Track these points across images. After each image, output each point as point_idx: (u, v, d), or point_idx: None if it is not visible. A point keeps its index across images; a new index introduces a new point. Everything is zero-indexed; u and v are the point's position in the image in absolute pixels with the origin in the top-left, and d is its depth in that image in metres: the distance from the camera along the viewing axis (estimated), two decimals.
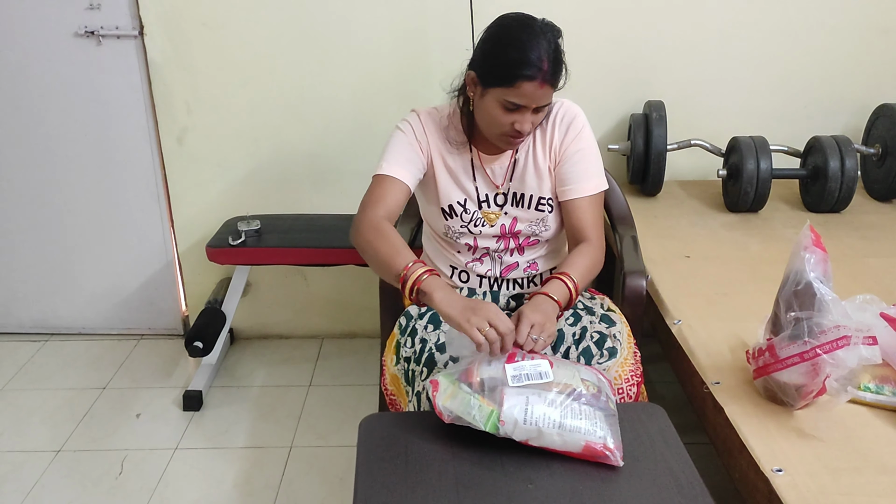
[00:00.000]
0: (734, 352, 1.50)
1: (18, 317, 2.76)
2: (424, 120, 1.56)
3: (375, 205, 1.48)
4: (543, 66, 1.34)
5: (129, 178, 2.55)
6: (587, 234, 1.54)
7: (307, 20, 2.37)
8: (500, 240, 1.59)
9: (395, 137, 1.55)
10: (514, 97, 1.37)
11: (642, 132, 2.34)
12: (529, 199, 1.56)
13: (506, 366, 1.21)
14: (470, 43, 2.34)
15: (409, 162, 1.52)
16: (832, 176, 2.19)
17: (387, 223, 1.45)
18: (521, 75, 1.35)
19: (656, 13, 2.40)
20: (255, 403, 2.38)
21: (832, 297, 1.21)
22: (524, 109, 1.39)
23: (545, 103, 1.40)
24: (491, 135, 1.47)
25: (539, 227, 1.58)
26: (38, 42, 2.38)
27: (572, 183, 1.54)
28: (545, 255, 1.64)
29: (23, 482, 2.00)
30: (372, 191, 1.51)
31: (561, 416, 1.15)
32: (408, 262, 1.36)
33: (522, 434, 1.15)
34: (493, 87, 1.39)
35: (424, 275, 1.33)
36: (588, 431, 1.14)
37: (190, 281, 2.71)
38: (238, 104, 2.46)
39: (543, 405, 1.15)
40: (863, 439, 1.25)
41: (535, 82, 1.35)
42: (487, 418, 1.16)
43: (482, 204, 1.57)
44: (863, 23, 2.45)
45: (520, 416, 1.15)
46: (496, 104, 1.40)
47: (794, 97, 2.53)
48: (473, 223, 1.57)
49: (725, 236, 2.13)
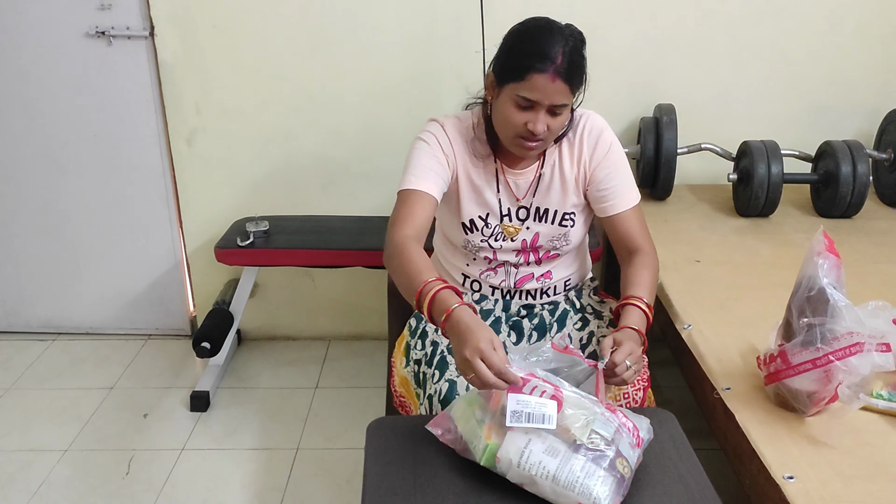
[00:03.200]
0: (745, 357, 1.49)
1: (26, 316, 2.77)
2: (450, 132, 1.50)
3: (403, 223, 1.40)
4: (557, 59, 1.30)
5: (138, 178, 2.56)
6: (639, 244, 1.51)
7: (317, 22, 2.37)
8: (520, 254, 1.56)
9: (419, 149, 1.49)
10: (526, 91, 1.33)
11: (652, 136, 2.33)
12: (553, 214, 1.53)
13: (509, 395, 1.10)
14: (480, 46, 2.33)
15: (436, 174, 1.46)
16: (844, 181, 2.18)
17: (414, 243, 1.37)
18: (532, 67, 1.31)
19: (667, 17, 2.39)
20: (262, 405, 2.37)
21: (845, 303, 1.20)
22: (538, 108, 1.35)
23: (560, 103, 1.35)
24: (506, 138, 1.43)
25: (560, 241, 1.55)
26: (49, 42, 2.39)
27: (613, 199, 1.51)
28: (560, 265, 1.61)
29: (30, 481, 2.01)
30: (399, 208, 1.43)
31: (557, 468, 1.05)
32: (427, 279, 1.27)
33: (516, 477, 1.08)
34: (507, 83, 1.36)
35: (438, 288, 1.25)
36: (583, 492, 1.03)
37: (198, 282, 2.71)
38: (247, 106, 2.46)
39: (542, 451, 1.07)
40: (875, 447, 1.23)
41: (545, 75, 1.31)
42: (483, 451, 1.11)
43: (504, 217, 1.53)
44: (876, 27, 2.43)
45: (515, 457, 1.07)
46: (509, 102, 1.37)
47: (806, 101, 2.51)
48: (494, 237, 1.53)
49: (736, 241, 2.12)
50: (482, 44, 2.33)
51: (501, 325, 1.55)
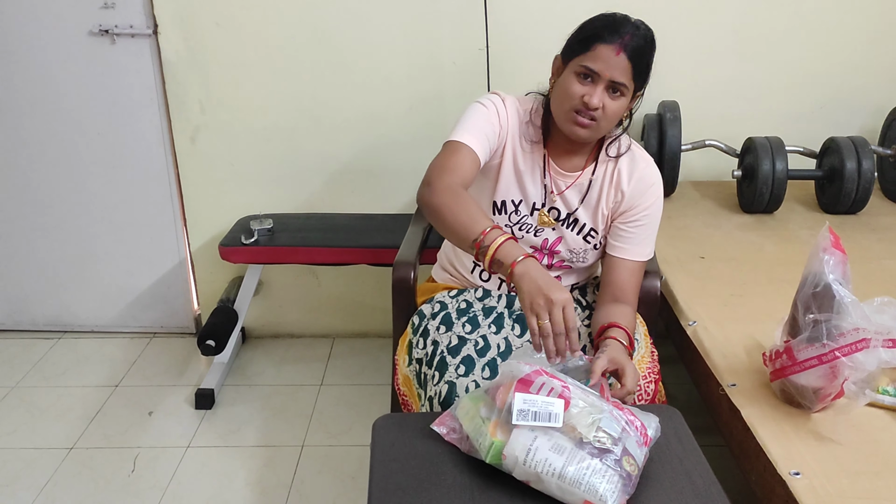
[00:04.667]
0: (750, 354, 1.49)
1: (32, 314, 2.78)
2: (509, 107, 1.48)
3: (452, 172, 1.36)
4: (625, 36, 1.33)
5: (143, 176, 2.56)
6: (630, 298, 1.51)
7: (320, 20, 2.37)
8: (536, 252, 1.55)
9: (476, 110, 1.46)
10: (589, 61, 1.34)
11: (656, 132, 2.33)
12: (582, 226, 1.53)
13: (516, 394, 1.09)
14: (483, 43, 2.33)
15: (487, 139, 1.43)
16: (848, 177, 2.17)
17: (464, 190, 1.35)
18: (599, 37, 1.33)
19: (670, 13, 2.39)
20: (267, 402, 2.38)
21: (851, 299, 1.20)
22: (597, 80, 1.35)
23: (620, 80, 1.34)
24: (561, 112, 1.40)
25: (578, 257, 1.55)
26: (53, 41, 2.39)
27: (630, 244, 1.51)
28: (570, 274, 1.62)
29: (36, 479, 2.01)
30: (447, 157, 1.39)
31: (563, 466, 1.05)
32: (485, 227, 1.24)
33: (522, 474, 1.08)
34: (573, 58, 1.37)
35: (502, 240, 1.22)
36: (588, 489, 1.03)
37: (202, 279, 2.71)
38: (251, 104, 2.46)
39: (548, 449, 1.06)
40: (881, 443, 1.24)
41: (611, 46, 1.32)
42: (489, 449, 1.10)
43: (534, 211, 1.52)
44: (879, 23, 2.43)
45: (521, 454, 1.07)
46: (571, 76, 1.37)
47: (810, 98, 2.51)
48: (519, 226, 1.53)
49: (740, 237, 2.12)
50: (486, 41, 2.33)
51: (505, 319, 1.55)
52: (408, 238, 1.88)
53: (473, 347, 1.44)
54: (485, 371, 1.39)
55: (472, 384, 1.36)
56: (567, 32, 1.43)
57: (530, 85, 1.52)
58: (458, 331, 1.49)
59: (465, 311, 1.54)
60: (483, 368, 1.40)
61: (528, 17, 2.35)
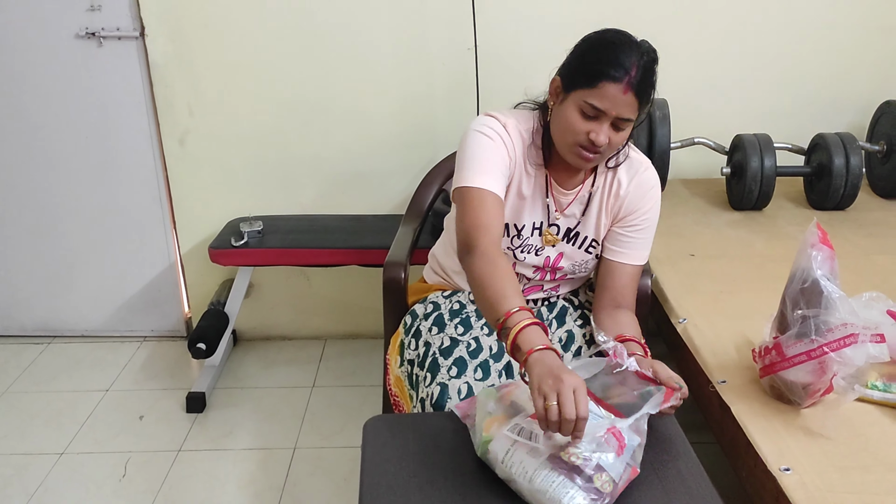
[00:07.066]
0: (740, 350, 1.49)
1: (21, 319, 2.76)
2: (511, 132, 1.43)
3: (488, 231, 1.34)
4: (631, 71, 1.27)
5: (131, 179, 2.55)
6: (630, 302, 1.50)
7: (309, 21, 2.36)
8: (538, 271, 1.55)
9: (482, 144, 1.41)
10: (595, 99, 1.29)
11: (646, 131, 2.33)
12: (584, 239, 1.53)
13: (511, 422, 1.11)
14: (472, 43, 2.33)
15: (503, 176, 1.41)
16: (837, 173, 2.18)
17: (502, 257, 1.33)
18: (606, 74, 1.27)
19: (659, 11, 2.39)
20: (259, 405, 2.37)
21: (839, 294, 1.20)
22: (603, 118, 1.31)
23: (626, 117, 1.31)
24: (564, 145, 1.37)
25: (580, 268, 1.55)
26: (39, 44, 2.37)
27: (630, 249, 1.50)
28: (569, 283, 1.62)
29: (27, 485, 2.00)
30: (478, 211, 1.36)
31: (535, 470, 1.05)
32: (511, 308, 1.20)
33: (501, 473, 1.10)
34: (576, 89, 1.32)
35: (525, 324, 1.18)
36: (552, 501, 1.02)
37: (192, 282, 2.70)
38: (240, 105, 2.46)
39: (525, 451, 1.07)
40: (871, 437, 1.24)
41: (619, 85, 1.27)
42: (480, 443, 1.14)
43: (535, 231, 1.51)
44: (867, 20, 2.44)
45: (501, 453, 1.09)
46: (574, 109, 1.32)
47: (798, 94, 2.52)
48: (521, 249, 1.52)
49: (730, 234, 2.12)
50: (474, 41, 2.33)
51: None
52: (398, 238, 1.88)
53: (466, 349, 1.43)
54: (477, 373, 1.39)
55: (465, 386, 1.36)
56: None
57: (517, 84, 1.52)
58: (450, 332, 1.48)
59: (458, 312, 1.54)
60: (475, 370, 1.40)
61: (516, 17, 2.34)
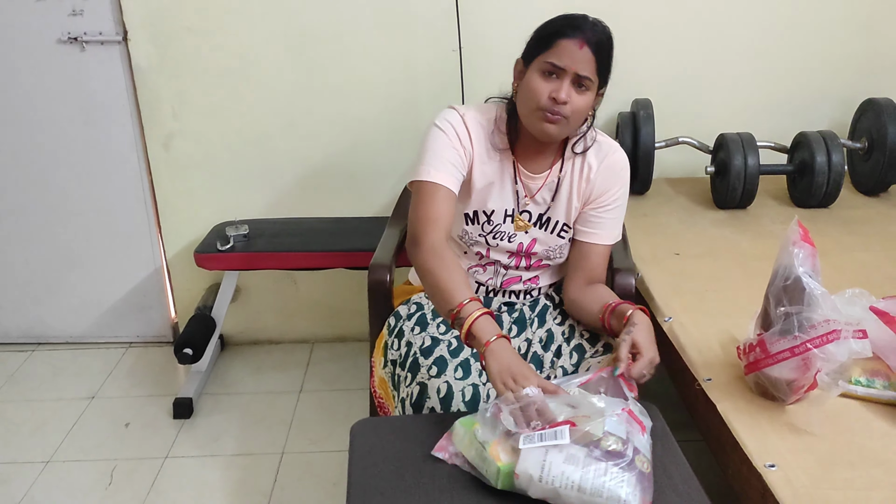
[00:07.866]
0: (725, 348, 1.50)
1: (5, 326, 2.73)
2: (469, 123, 1.47)
3: (436, 224, 1.40)
4: (586, 31, 1.34)
5: (116, 184, 2.53)
6: (601, 277, 1.55)
7: (293, 23, 2.36)
8: (513, 256, 1.56)
9: (437, 138, 1.46)
10: (554, 57, 1.34)
11: (630, 130, 2.35)
12: (555, 224, 1.54)
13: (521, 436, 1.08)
14: (457, 44, 2.33)
15: (455, 168, 1.45)
16: (819, 171, 2.20)
17: (448, 250, 1.39)
18: (561, 34, 1.34)
19: (643, 11, 2.40)
20: (246, 410, 2.36)
21: (821, 291, 1.21)
22: (563, 76, 1.35)
23: (585, 74, 1.34)
24: (528, 116, 1.40)
25: (555, 253, 1.56)
26: (21, 49, 2.35)
27: (600, 229, 1.53)
28: (548, 273, 1.63)
29: (12, 494, 1.98)
30: (426, 204, 1.41)
31: (581, 477, 1.03)
32: (462, 300, 1.28)
33: (539, 492, 1.05)
34: (535, 57, 1.38)
35: (477, 315, 1.26)
36: (611, 497, 1.01)
37: (179, 287, 2.69)
38: (224, 109, 2.44)
39: (562, 461, 1.04)
40: (855, 433, 1.25)
41: (574, 41, 1.33)
42: (497, 474, 1.07)
43: (507, 218, 1.53)
44: (848, 18, 2.46)
45: (536, 472, 1.04)
46: (536, 74, 1.37)
47: (781, 93, 2.53)
48: (493, 234, 1.53)
49: (715, 233, 2.13)
50: (458, 43, 2.33)
51: None
52: (383, 241, 1.87)
53: (447, 348, 1.44)
54: (457, 371, 1.39)
55: (444, 385, 1.36)
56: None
57: (504, 85, 1.52)
58: (432, 331, 1.49)
59: None
60: (456, 369, 1.39)
61: (500, 18, 2.35)
